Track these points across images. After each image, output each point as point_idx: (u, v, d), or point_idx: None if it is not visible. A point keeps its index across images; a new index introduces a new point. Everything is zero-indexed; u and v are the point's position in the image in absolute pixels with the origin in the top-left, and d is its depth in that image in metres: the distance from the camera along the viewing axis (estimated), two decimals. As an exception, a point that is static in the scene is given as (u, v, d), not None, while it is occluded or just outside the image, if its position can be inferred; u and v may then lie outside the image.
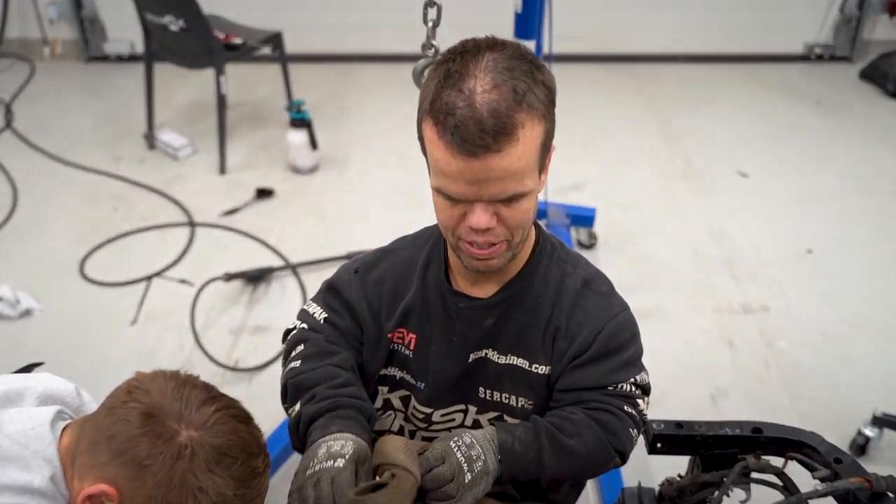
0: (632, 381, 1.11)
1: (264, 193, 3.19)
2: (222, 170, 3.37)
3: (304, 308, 1.21)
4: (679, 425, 1.24)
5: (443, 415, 1.17)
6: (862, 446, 2.04)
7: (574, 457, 1.06)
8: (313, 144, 3.30)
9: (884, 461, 2.04)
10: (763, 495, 1.15)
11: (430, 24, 1.32)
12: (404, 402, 1.20)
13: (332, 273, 1.22)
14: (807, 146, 3.58)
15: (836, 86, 4.13)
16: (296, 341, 1.16)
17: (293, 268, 2.76)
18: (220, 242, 2.95)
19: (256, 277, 2.69)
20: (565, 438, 1.05)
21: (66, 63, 4.35)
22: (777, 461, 1.15)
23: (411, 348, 1.15)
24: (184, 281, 2.71)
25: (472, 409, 1.17)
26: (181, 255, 2.85)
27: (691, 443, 1.21)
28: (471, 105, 0.87)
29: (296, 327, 1.19)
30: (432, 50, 1.33)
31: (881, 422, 2.04)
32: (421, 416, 1.18)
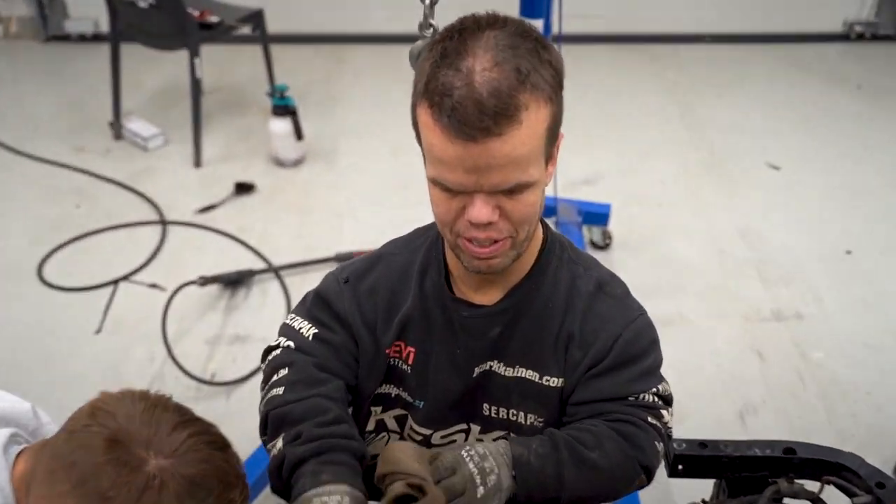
0: (653, 390, 1.11)
1: (244, 188, 3.19)
2: (197, 162, 3.37)
3: (286, 323, 1.18)
4: (703, 445, 1.24)
5: (443, 436, 1.17)
6: (906, 469, 2.05)
7: (597, 472, 1.05)
8: (298, 134, 3.31)
9: (931, 485, 2.04)
10: (796, 523, 1.16)
11: (427, 0, 1.32)
12: (400, 422, 1.20)
13: (318, 277, 1.21)
14: (846, 135, 3.58)
15: (879, 68, 4.13)
16: (279, 364, 1.12)
17: (276, 271, 2.77)
18: (195, 243, 2.95)
19: (235, 281, 2.69)
20: (586, 451, 1.04)
21: (21, 43, 4.35)
22: (812, 486, 1.15)
23: (409, 363, 1.15)
24: (154, 285, 2.71)
25: (476, 429, 1.17)
26: (151, 257, 2.85)
27: (716, 465, 1.22)
28: (469, 85, 0.87)
29: (279, 345, 1.15)
30: (430, 30, 1.33)
31: (928, 441, 2.04)
32: (419, 439, 1.18)
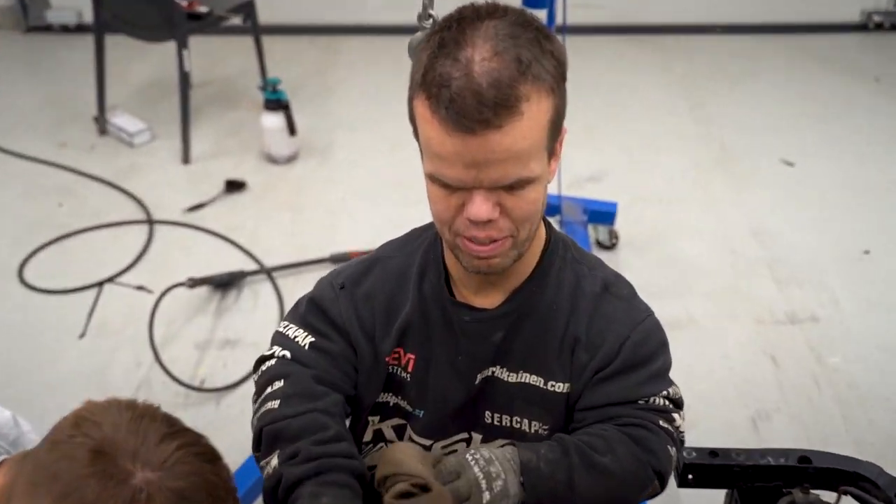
0: (664, 394, 1.11)
1: (234, 186, 3.19)
2: (185, 159, 3.37)
3: (280, 331, 1.16)
4: (714, 454, 1.24)
5: (443, 447, 1.17)
6: (927, 478, 2.05)
7: (609, 478, 1.04)
8: (291, 130, 3.31)
9: (952, 495, 2.05)
10: (811, 535, 1.16)
11: (426, -10, 1.32)
12: (398, 432, 1.20)
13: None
14: (863, 130, 3.59)
15: (897, 60, 4.14)
16: (274, 375, 1.11)
17: (268, 272, 2.77)
18: (184, 243, 2.95)
19: (225, 283, 2.69)
20: (598, 456, 1.04)
21: (0, 34, 4.34)
22: (829, 496, 1.15)
23: (409, 370, 1.15)
24: (141, 287, 2.71)
25: (477, 438, 1.17)
26: (138, 258, 2.85)
27: (728, 474, 1.22)
28: (468, 75, 0.87)
29: (273, 355, 1.14)
30: (430, 20, 1.33)
31: (949, 449, 2.04)
32: None
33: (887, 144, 3.49)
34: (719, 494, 1.33)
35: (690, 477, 1.24)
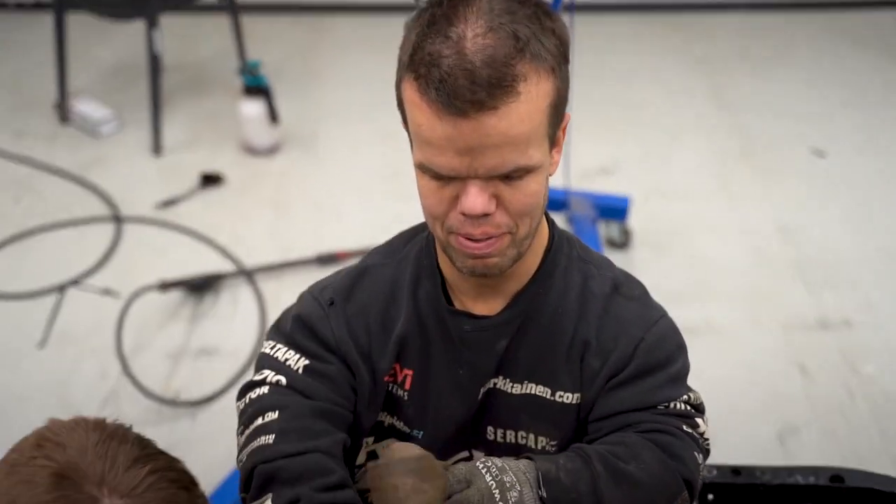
0: (683, 398, 1.11)
1: (211, 180, 3.20)
2: (156, 150, 3.37)
3: (267, 353, 1.14)
4: (736, 472, 1.24)
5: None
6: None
7: (637, 487, 1.02)
8: (273, 118, 3.31)
9: None
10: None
11: (420, -36, 1.33)
12: None
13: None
14: (901, 117, 3.60)
15: (940, 40, 4.15)
16: (268, 405, 1.07)
17: (248, 274, 2.77)
18: (155, 242, 2.95)
19: (201, 286, 2.69)
20: (622, 464, 1.02)
21: (-45, 14, 4.35)
22: (862, 517, 1.16)
23: (406, 388, 1.14)
24: (107, 291, 2.71)
25: (479, 456, 1.16)
26: (104, 259, 2.85)
27: (752, 494, 1.22)
28: (460, 53, 0.87)
29: (265, 381, 1.10)
30: (425, -2, 1.33)
31: None
32: None
33: (927, 133, 3.50)
34: (743, 517, 1.34)
35: (711, 497, 1.24)
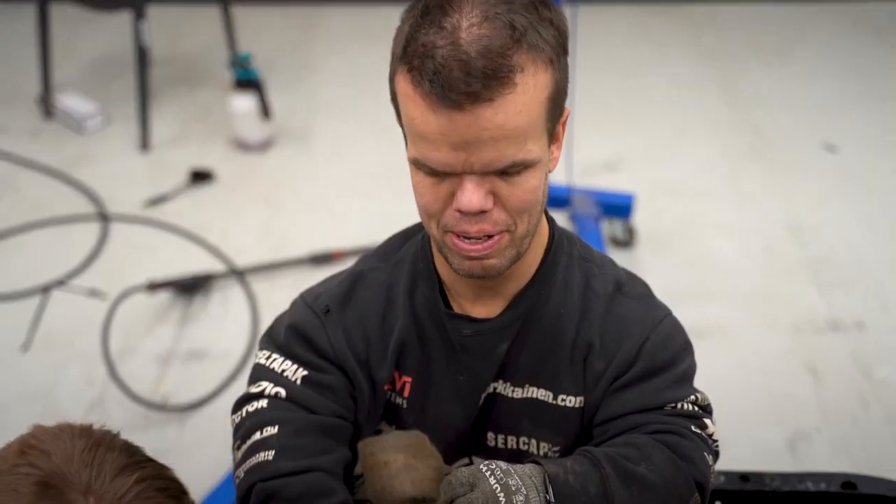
0: (691, 399, 1.11)
1: (200, 177, 3.20)
2: (144, 146, 3.37)
3: (262, 364, 1.14)
4: (745, 478, 1.25)
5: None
6: None
7: (649, 489, 1.02)
8: (265, 113, 3.31)
9: None
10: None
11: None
12: None
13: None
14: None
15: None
16: (268, 420, 1.07)
17: (239, 274, 2.78)
18: (142, 242, 2.95)
19: (191, 287, 2.69)
20: (632, 466, 1.02)
21: (-66, 5, 4.36)
22: (875, 525, 1.17)
23: (405, 395, 1.15)
24: (93, 292, 2.71)
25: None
26: (89, 259, 2.86)
27: (762, 501, 1.22)
28: (454, 43, 0.87)
29: (263, 393, 1.10)
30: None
31: None
32: None
33: (944, 128, 3.51)
34: (751, 525, 1.34)
35: (718, 504, 1.25)
